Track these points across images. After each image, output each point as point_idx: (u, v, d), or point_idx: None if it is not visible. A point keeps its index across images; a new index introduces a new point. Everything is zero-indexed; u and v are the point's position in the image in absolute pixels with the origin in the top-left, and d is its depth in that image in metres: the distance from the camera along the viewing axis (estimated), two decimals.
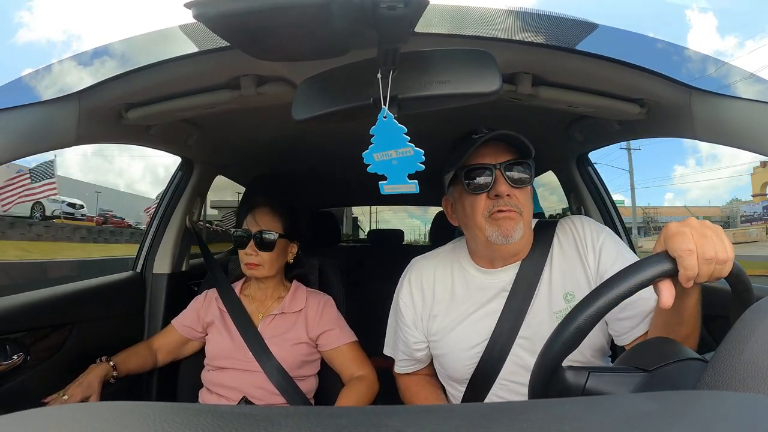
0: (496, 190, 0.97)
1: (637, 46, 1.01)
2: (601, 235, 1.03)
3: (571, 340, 0.59)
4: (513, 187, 0.97)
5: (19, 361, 1.12)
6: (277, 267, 1.38)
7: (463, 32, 0.91)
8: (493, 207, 0.97)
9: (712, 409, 0.35)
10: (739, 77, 0.96)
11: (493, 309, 1.03)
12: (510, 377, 1.00)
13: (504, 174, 0.97)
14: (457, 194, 1.06)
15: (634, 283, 0.59)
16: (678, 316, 0.74)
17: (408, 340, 1.13)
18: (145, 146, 1.44)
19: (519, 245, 1.01)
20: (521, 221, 0.97)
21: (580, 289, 0.99)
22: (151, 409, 0.34)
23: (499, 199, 0.97)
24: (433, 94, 0.68)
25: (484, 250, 1.04)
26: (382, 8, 0.52)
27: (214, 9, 0.51)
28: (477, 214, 0.98)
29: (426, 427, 0.32)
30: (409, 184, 0.71)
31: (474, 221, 0.99)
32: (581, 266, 1.01)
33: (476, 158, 0.98)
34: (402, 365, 1.19)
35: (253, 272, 1.35)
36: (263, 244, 1.33)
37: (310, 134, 1.69)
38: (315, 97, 0.74)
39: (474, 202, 0.99)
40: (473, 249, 1.09)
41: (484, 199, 0.98)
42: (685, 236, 0.61)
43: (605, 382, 0.59)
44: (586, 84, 1.09)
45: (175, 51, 0.98)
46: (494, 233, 0.97)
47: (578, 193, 1.77)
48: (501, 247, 0.98)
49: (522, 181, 0.98)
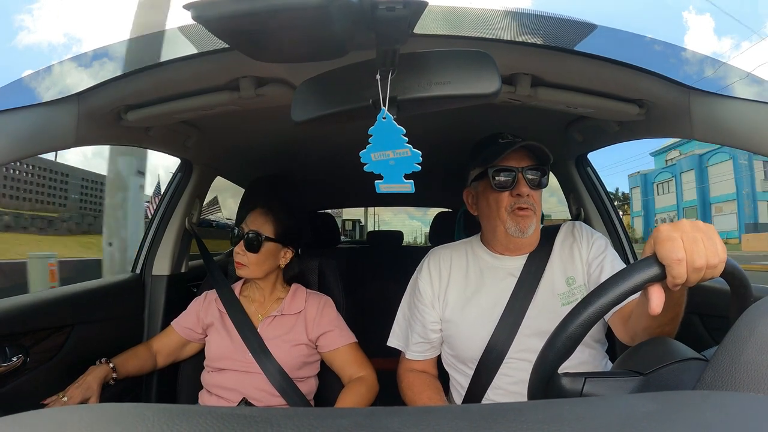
0: (518, 190, 1.12)
1: (636, 46, 1.02)
2: (594, 234, 1.21)
3: (564, 348, 0.59)
4: (531, 189, 1.13)
5: (18, 363, 1.12)
6: (264, 270, 1.37)
7: (462, 33, 0.92)
8: (514, 204, 1.12)
9: (712, 410, 0.35)
10: (738, 77, 0.96)
11: (504, 288, 1.15)
12: (518, 355, 1.09)
13: (525, 177, 1.12)
14: (481, 189, 1.20)
15: (623, 289, 0.59)
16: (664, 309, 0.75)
17: (425, 320, 1.20)
18: (145, 147, 1.44)
19: (531, 239, 1.17)
20: (535, 219, 1.14)
21: (578, 274, 1.15)
22: (150, 411, 0.34)
23: (519, 198, 1.12)
24: (433, 96, 0.68)
25: (502, 239, 1.18)
26: (381, 9, 0.52)
27: (213, 10, 0.51)
28: (501, 208, 1.14)
29: (426, 428, 0.32)
30: (405, 184, 0.71)
31: (497, 214, 1.15)
32: (578, 256, 1.17)
33: (503, 161, 1.13)
34: (415, 350, 1.23)
35: (239, 271, 1.36)
36: (250, 245, 1.34)
37: (309, 136, 1.69)
38: (314, 99, 0.74)
39: (498, 198, 1.14)
40: (489, 238, 1.22)
41: (507, 197, 1.13)
42: (675, 243, 0.60)
43: (602, 386, 0.59)
44: (585, 85, 1.09)
45: (174, 52, 0.98)
46: (513, 227, 1.13)
47: (577, 194, 1.77)
48: (516, 239, 1.14)
49: (539, 183, 1.14)
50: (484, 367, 1.11)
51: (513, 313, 1.11)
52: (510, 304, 1.12)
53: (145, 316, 1.65)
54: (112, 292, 1.57)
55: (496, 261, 1.20)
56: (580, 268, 1.15)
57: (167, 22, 3.19)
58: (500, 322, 1.11)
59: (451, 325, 1.17)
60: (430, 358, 1.24)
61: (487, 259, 1.21)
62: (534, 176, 1.13)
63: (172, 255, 1.72)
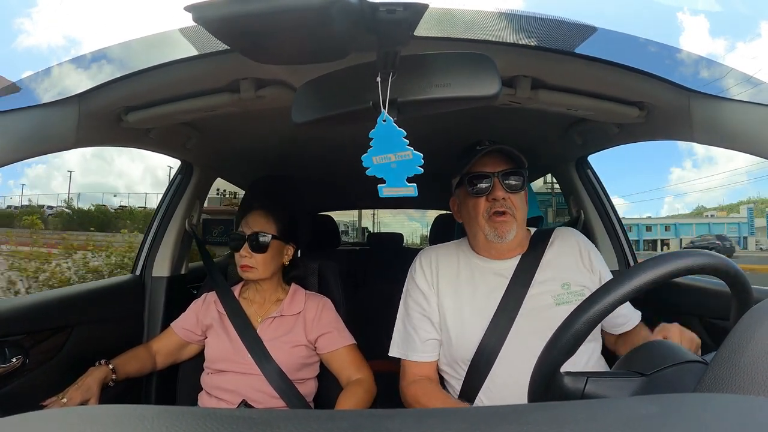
0: (493, 195, 1.14)
1: (636, 49, 1.02)
2: (588, 243, 1.25)
3: (568, 345, 0.59)
4: (508, 192, 1.14)
5: (18, 364, 1.12)
6: (272, 269, 1.38)
7: (463, 36, 0.92)
8: (491, 209, 1.14)
9: (712, 412, 0.35)
10: (737, 80, 0.96)
11: (496, 289, 1.15)
12: (510, 356, 1.08)
13: (501, 181, 1.14)
14: (462, 196, 1.22)
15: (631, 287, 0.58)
16: None
17: (428, 312, 1.20)
18: (145, 149, 1.44)
19: (513, 243, 1.17)
20: (515, 223, 1.15)
21: (575, 278, 1.15)
22: (150, 413, 0.34)
23: (495, 201, 1.14)
24: (433, 98, 0.68)
25: (484, 245, 1.20)
26: (382, 12, 0.52)
27: (213, 12, 0.51)
28: (478, 214, 1.16)
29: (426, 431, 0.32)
30: (408, 187, 0.71)
31: (476, 220, 1.16)
32: (574, 260, 1.19)
33: (478, 167, 1.16)
34: (423, 350, 1.18)
35: (247, 274, 1.35)
36: (256, 246, 1.33)
37: (309, 137, 1.69)
38: (314, 101, 0.74)
39: (476, 204, 1.16)
40: (474, 244, 1.24)
41: (484, 202, 1.15)
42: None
43: (604, 387, 0.59)
44: (585, 87, 1.09)
45: (174, 54, 0.98)
46: (491, 233, 1.14)
47: (577, 196, 1.77)
48: (497, 244, 1.16)
49: (516, 187, 1.15)
50: (475, 368, 1.11)
51: (506, 313, 1.12)
52: (502, 304, 1.13)
53: (145, 317, 1.65)
54: (111, 293, 1.57)
55: (486, 264, 1.21)
56: (578, 271, 1.17)
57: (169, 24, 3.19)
58: (492, 321, 1.11)
59: (445, 322, 1.17)
60: (436, 359, 1.20)
61: (477, 261, 1.22)
62: (510, 180, 1.14)
63: (172, 256, 1.72)
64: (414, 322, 1.21)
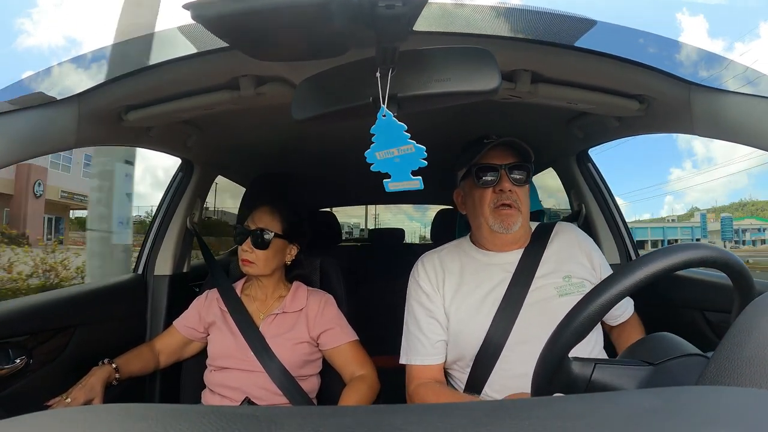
0: (500, 186, 1.15)
1: (636, 42, 1.01)
2: (589, 240, 1.27)
3: (580, 329, 0.57)
4: (514, 185, 1.15)
5: (21, 365, 1.12)
6: (272, 267, 1.38)
7: (462, 30, 0.91)
8: (498, 200, 1.16)
9: (714, 405, 0.35)
10: (738, 72, 0.96)
11: (499, 282, 1.16)
12: (514, 348, 1.09)
13: (508, 174, 1.15)
14: (467, 188, 1.23)
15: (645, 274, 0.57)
16: None
17: (435, 312, 1.19)
18: (145, 148, 1.44)
19: (517, 235, 1.19)
20: (520, 216, 1.16)
21: (576, 271, 1.17)
22: (153, 411, 0.34)
23: (502, 193, 1.15)
24: (433, 93, 0.68)
25: (488, 236, 1.21)
26: (381, 7, 0.52)
27: (212, 10, 0.51)
28: (484, 205, 1.17)
29: (429, 426, 0.32)
30: (414, 181, 0.71)
31: (481, 211, 1.18)
32: (575, 254, 1.21)
33: (486, 159, 1.17)
34: (433, 352, 1.18)
35: (246, 269, 1.36)
36: (258, 242, 1.34)
37: (309, 134, 1.69)
38: (314, 97, 0.74)
39: (482, 195, 1.18)
40: (477, 236, 1.25)
41: (490, 193, 1.17)
42: None
43: (611, 374, 0.59)
44: (586, 80, 1.09)
45: (174, 52, 0.98)
46: (496, 224, 1.16)
47: (578, 190, 1.77)
48: (501, 235, 1.17)
49: (522, 180, 1.17)
50: (481, 361, 1.11)
51: (510, 306, 1.12)
52: (506, 296, 1.14)
53: (148, 316, 1.65)
54: (114, 292, 1.57)
55: (489, 258, 1.21)
56: (580, 263, 1.19)
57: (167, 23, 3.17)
58: (497, 314, 1.12)
59: (450, 322, 1.17)
60: (443, 361, 1.20)
61: (479, 258, 1.22)
62: (517, 173, 1.16)
63: (174, 255, 1.72)
64: (421, 324, 1.20)
